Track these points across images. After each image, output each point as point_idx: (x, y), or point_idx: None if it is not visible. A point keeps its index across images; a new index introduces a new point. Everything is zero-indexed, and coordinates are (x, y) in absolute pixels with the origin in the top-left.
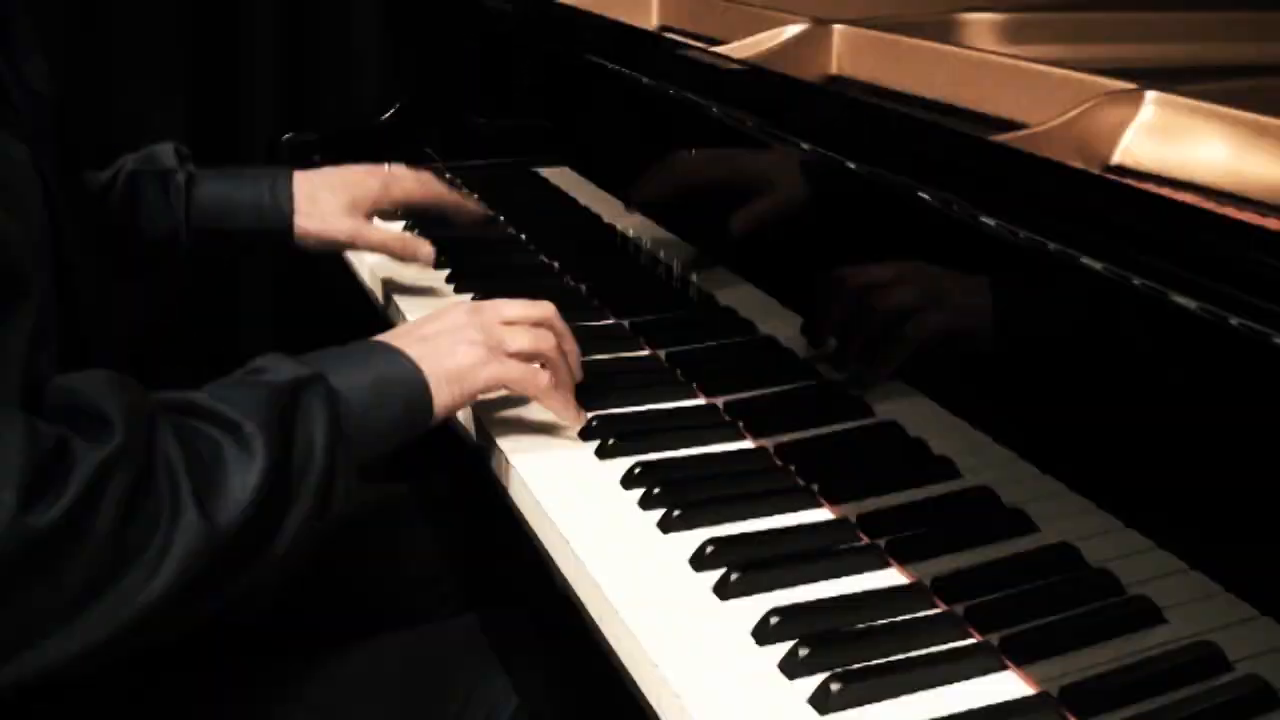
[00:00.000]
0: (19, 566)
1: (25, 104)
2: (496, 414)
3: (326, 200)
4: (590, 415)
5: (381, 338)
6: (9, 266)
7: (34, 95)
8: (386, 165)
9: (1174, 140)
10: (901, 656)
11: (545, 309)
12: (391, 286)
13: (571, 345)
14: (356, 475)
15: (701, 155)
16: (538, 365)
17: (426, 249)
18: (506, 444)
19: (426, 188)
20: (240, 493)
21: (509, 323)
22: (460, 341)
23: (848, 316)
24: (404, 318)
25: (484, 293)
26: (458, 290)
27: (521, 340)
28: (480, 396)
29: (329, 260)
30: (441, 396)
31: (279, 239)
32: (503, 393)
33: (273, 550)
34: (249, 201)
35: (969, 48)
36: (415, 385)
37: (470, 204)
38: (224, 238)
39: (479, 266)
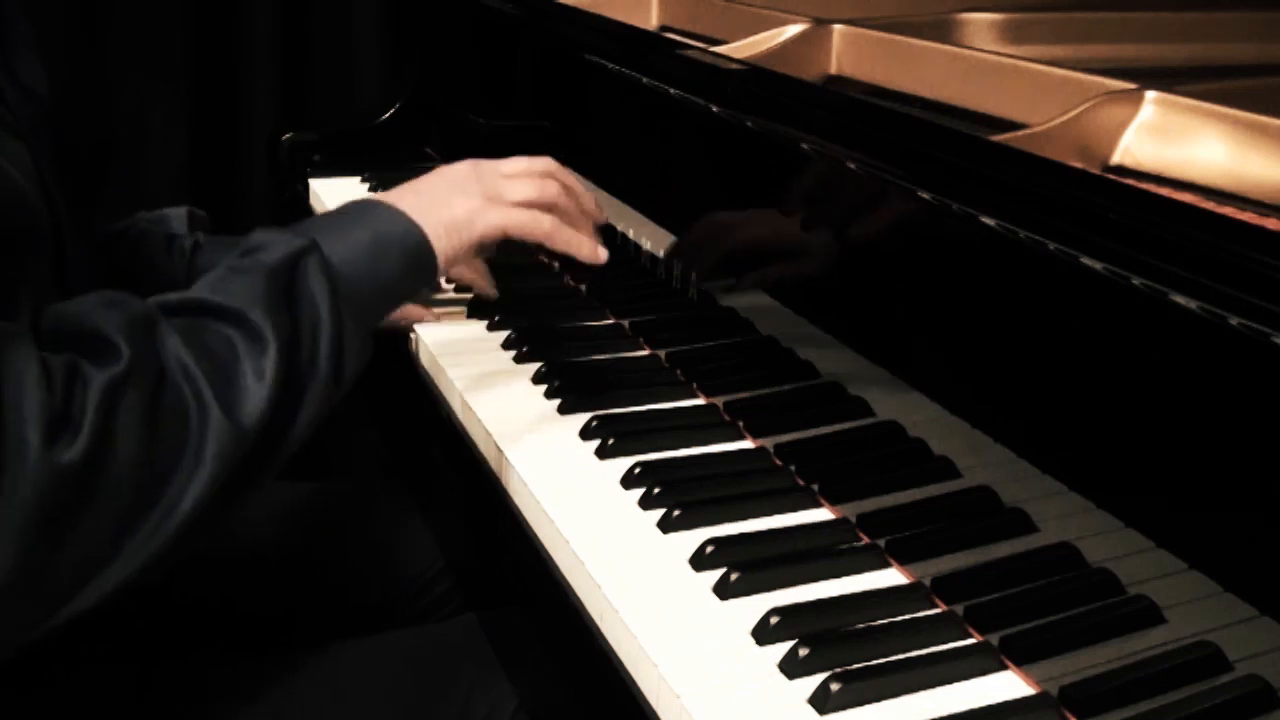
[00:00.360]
0: (59, 505)
1: (20, 103)
2: (497, 414)
3: None
4: (590, 415)
5: (376, 195)
6: (27, 220)
7: (30, 95)
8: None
9: (1174, 140)
10: (901, 656)
11: (546, 162)
12: None
13: (580, 191)
14: (368, 335)
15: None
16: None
17: (429, 316)
18: (507, 444)
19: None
20: (258, 383)
21: (510, 175)
22: (457, 192)
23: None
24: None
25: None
26: (458, 290)
27: (522, 189)
28: (485, 243)
29: None
30: (441, 246)
31: None
32: (503, 393)
33: (298, 427)
34: None
35: (969, 48)
36: (414, 237)
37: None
38: None
39: None
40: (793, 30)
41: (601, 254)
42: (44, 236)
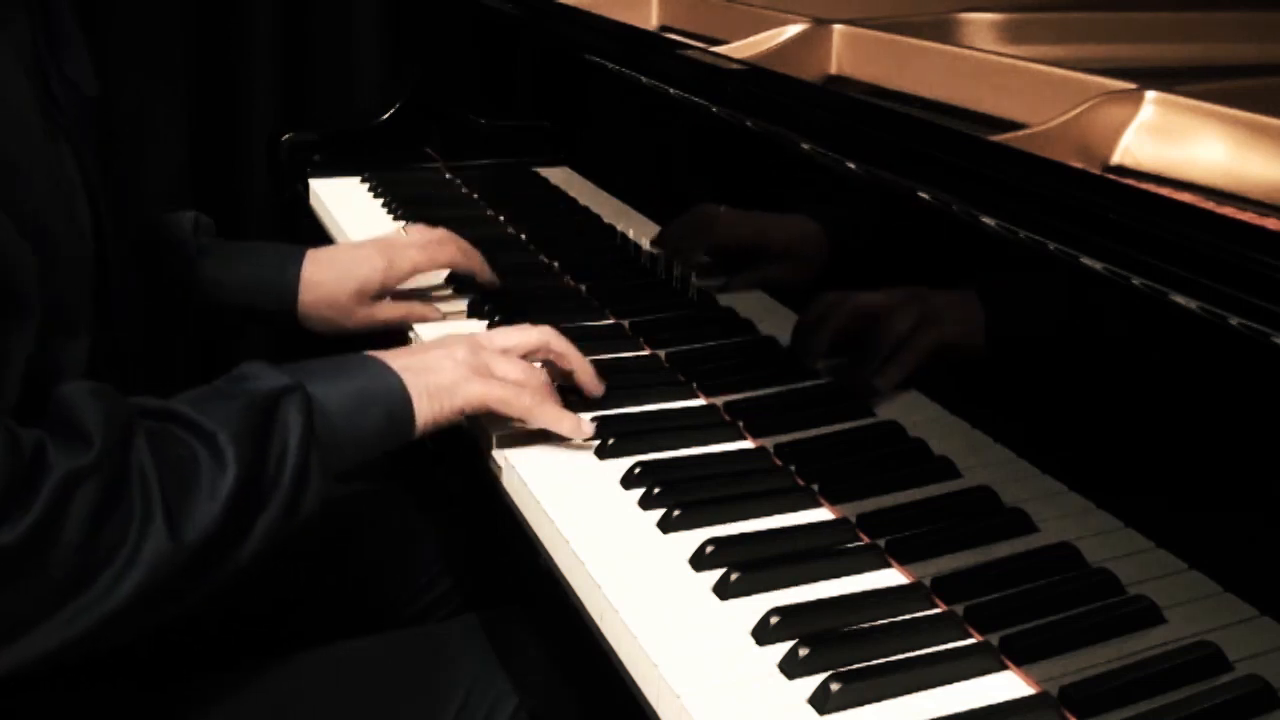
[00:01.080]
0: None
1: (70, 104)
2: (497, 413)
3: (334, 285)
4: (590, 415)
5: (372, 353)
6: (12, 287)
7: (77, 94)
8: (402, 227)
9: (1174, 140)
10: (901, 656)
11: (540, 334)
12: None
13: (578, 363)
14: (334, 480)
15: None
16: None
17: (435, 314)
18: (506, 444)
19: (430, 258)
20: (210, 504)
21: (504, 350)
22: (447, 359)
23: (857, 338)
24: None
25: (484, 293)
26: (458, 291)
27: (507, 370)
28: (466, 413)
29: None
30: (423, 410)
31: (283, 319)
32: None
33: (237, 556)
34: (256, 278)
35: (969, 48)
36: (397, 397)
37: (475, 264)
38: (227, 312)
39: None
40: (793, 30)
41: (586, 429)
42: (27, 295)
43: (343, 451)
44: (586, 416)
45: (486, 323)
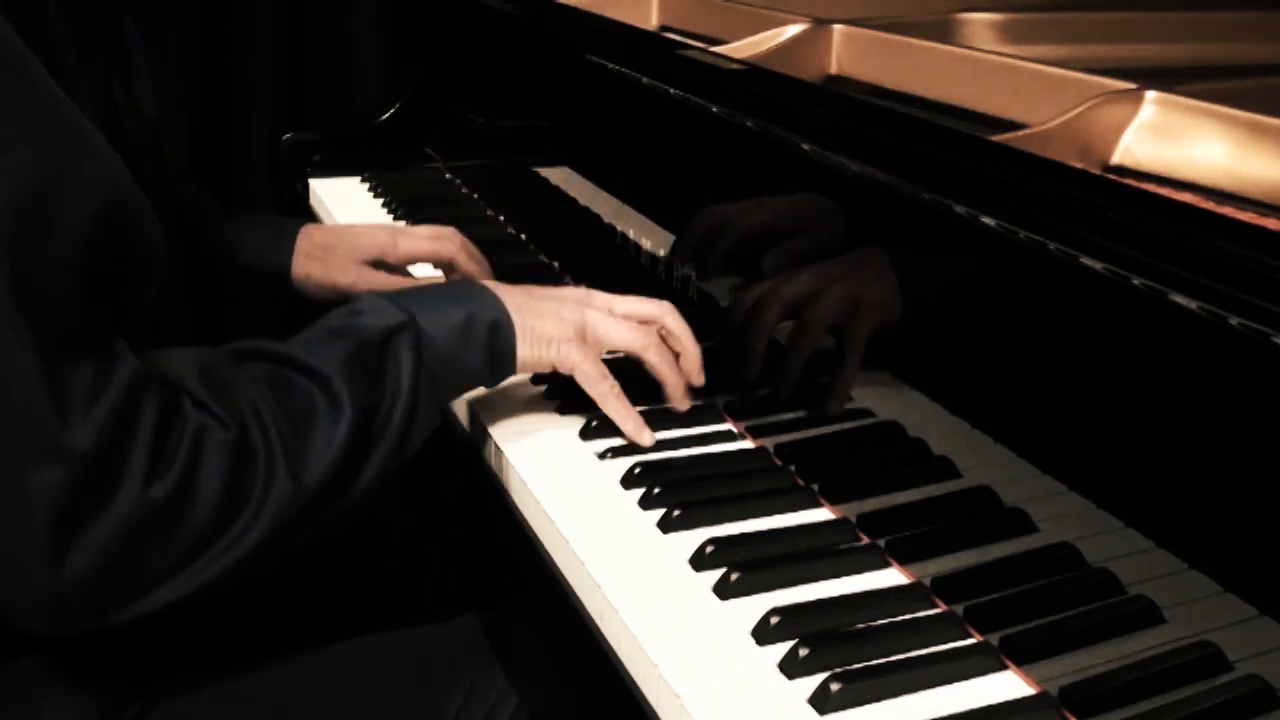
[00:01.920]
0: (141, 532)
1: (133, 125)
2: (496, 413)
3: (332, 248)
4: (590, 415)
5: (491, 284)
6: (154, 251)
7: (139, 114)
8: (406, 225)
9: (1174, 140)
10: (901, 656)
11: (660, 307)
12: None
13: (688, 346)
14: (438, 410)
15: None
16: (614, 366)
17: None
18: (507, 444)
19: (432, 250)
20: (327, 449)
21: (615, 315)
22: (557, 312)
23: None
24: None
25: None
26: None
27: (618, 333)
28: (554, 370)
29: None
30: (523, 350)
31: (278, 280)
32: (503, 393)
33: (354, 493)
34: (253, 243)
35: (969, 48)
36: (502, 327)
37: (477, 267)
38: (223, 272)
39: None
40: (793, 30)
41: (647, 438)
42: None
43: (449, 381)
44: (587, 416)
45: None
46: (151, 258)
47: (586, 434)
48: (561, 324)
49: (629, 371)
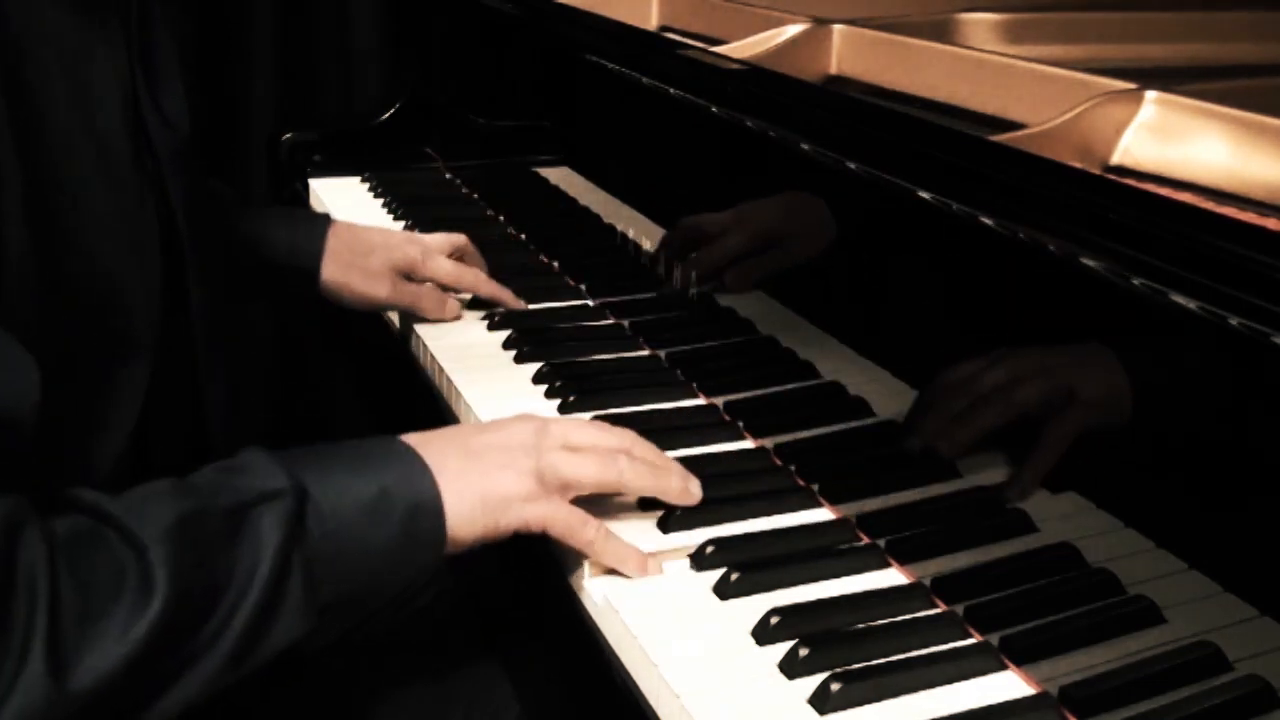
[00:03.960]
0: None
1: (163, 142)
2: (498, 414)
3: (363, 254)
4: (590, 416)
5: (414, 438)
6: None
7: (170, 126)
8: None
9: (1174, 140)
10: (901, 656)
11: (623, 439)
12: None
13: (663, 463)
14: (313, 615)
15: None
16: (590, 511)
17: (454, 306)
18: None
19: (458, 277)
20: (115, 645)
21: (574, 449)
22: (509, 465)
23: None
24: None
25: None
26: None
27: (580, 473)
28: (520, 532)
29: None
30: (462, 524)
31: (305, 281)
32: (503, 393)
33: (157, 709)
34: (283, 239)
35: (969, 48)
36: (424, 506)
37: (502, 293)
38: (252, 270)
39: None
40: (793, 30)
41: (653, 567)
42: (151, 306)
43: (344, 575)
44: (587, 416)
45: (486, 322)
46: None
47: None
48: (518, 477)
49: None
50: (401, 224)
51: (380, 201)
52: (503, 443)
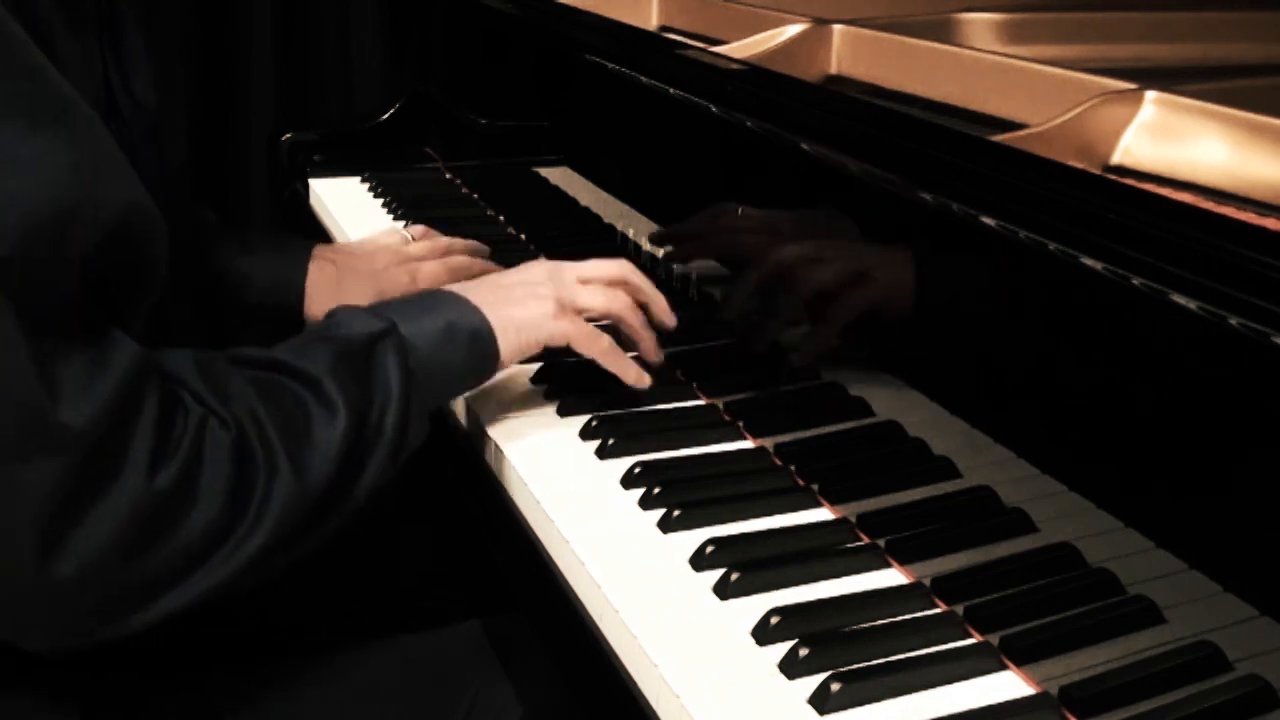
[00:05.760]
0: (142, 529)
1: (134, 119)
2: (496, 413)
3: (350, 288)
4: (590, 415)
5: (456, 287)
6: (157, 263)
7: (140, 109)
8: (404, 227)
9: (1174, 140)
10: (901, 656)
11: (621, 267)
12: None
13: (652, 295)
14: (427, 417)
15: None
16: (599, 327)
17: None
18: (506, 445)
19: (452, 274)
20: (326, 448)
21: (585, 280)
22: (532, 294)
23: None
24: None
25: None
26: None
27: (593, 299)
28: (548, 347)
29: None
30: (507, 344)
31: (289, 315)
32: (503, 394)
33: (355, 495)
34: (262, 274)
35: (969, 48)
36: (482, 331)
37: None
38: (232, 307)
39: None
40: (793, 30)
41: (645, 380)
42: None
43: (435, 388)
44: (587, 416)
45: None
46: (154, 268)
47: (587, 434)
48: (540, 303)
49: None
50: (401, 224)
51: (380, 201)
52: (524, 277)
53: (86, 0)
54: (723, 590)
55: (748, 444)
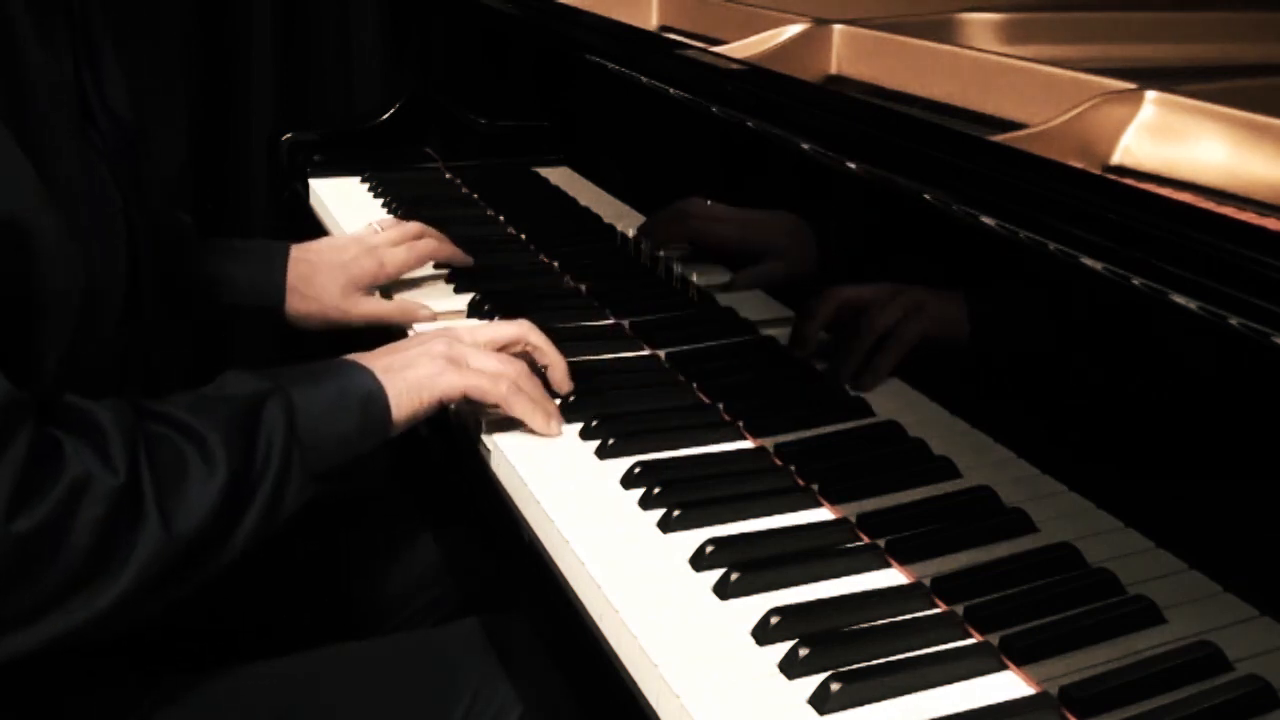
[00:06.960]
0: (3, 567)
1: (108, 126)
2: (497, 414)
3: (323, 282)
4: (590, 415)
5: (349, 356)
6: (52, 287)
7: (115, 118)
8: (374, 225)
9: (1174, 140)
10: (901, 656)
11: (518, 328)
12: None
13: (553, 358)
14: (314, 481)
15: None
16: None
17: (425, 312)
18: (506, 444)
19: (418, 255)
20: (200, 503)
21: (480, 345)
22: (424, 355)
23: (846, 326)
24: None
25: (484, 292)
26: (458, 290)
27: (483, 362)
28: (445, 404)
29: None
30: (400, 406)
31: (272, 315)
32: None
33: (231, 546)
34: (244, 277)
35: (969, 48)
36: (374, 394)
37: (449, 251)
38: (216, 310)
39: (479, 266)
40: (793, 30)
41: (554, 429)
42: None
43: (324, 450)
44: (587, 416)
45: (486, 323)
46: (55, 293)
47: (587, 434)
48: (432, 361)
49: None
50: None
51: (380, 201)
52: (423, 344)
53: (57, 12)
54: (723, 590)
55: (748, 444)
